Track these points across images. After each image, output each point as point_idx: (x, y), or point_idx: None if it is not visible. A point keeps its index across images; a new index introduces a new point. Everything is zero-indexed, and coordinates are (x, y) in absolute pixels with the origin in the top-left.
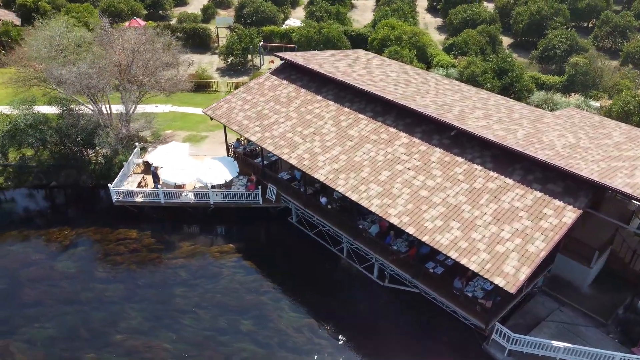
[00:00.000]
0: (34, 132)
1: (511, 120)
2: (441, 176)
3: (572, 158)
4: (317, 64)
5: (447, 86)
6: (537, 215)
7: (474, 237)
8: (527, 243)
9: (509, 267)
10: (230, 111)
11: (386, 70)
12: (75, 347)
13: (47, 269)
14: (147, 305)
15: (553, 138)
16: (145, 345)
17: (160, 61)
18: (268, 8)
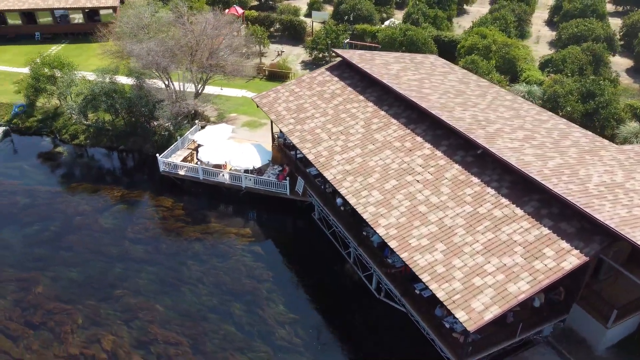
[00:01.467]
0: (106, 99)
1: (555, 147)
2: (448, 194)
3: (601, 198)
4: (370, 64)
5: (505, 102)
6: (534, 253)
7: (454, 263)
8: (509, 282)
9: (477, 303)
10: (275, 101)
11: (445, 78)
12: (83, 293)
13: (90, 220)
14: (158, 269)
15: (593, 173)
16: (140, 305)
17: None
18: (365, 6)
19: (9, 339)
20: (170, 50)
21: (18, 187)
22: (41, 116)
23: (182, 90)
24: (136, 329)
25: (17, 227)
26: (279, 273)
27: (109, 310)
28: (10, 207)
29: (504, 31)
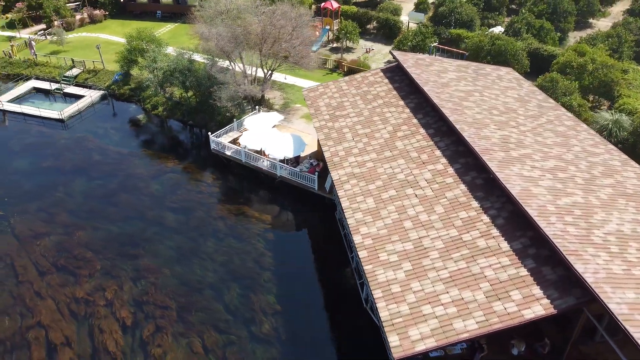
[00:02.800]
0: (179, 75)
1: (585, 184)
2: (440, 214)
3: (601, 248)
4: (421, 70)
5: (559, 128)
6: (499, 293)
7: (412, 286)
8: (459, 317)
9: (415, 332)
10: (320, 95)
11: (502, 93)
12: (110, 246)
13: (142, 184)
14: (180, 239)
15: (614, 220)
16: (151, 267)
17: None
18: (465, 11)
19: (37, 272)
20: (235, 36)
21: (96, 144)
22: (134, 85)
23: (247, 75)
24: (139, 287)
25: (84, 179)
26: (284, 264)
27: (124, 266)
28: (84, 161)
29: (616, 51)
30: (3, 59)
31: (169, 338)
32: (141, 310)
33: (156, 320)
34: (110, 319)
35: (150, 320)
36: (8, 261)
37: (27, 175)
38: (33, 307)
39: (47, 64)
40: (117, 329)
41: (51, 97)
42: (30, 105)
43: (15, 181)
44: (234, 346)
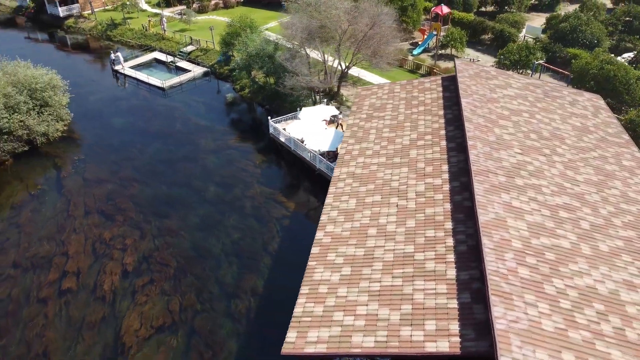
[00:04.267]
0: (258, 60)
1: (589, 228)
2: (408, 229)
3: (542, 297)
4: (475, 81)
5: (608, 165)
6: (414, 319)
7: (339, 291)
8: (361, 332)
9: (314, 334)
10: (370, 95)
11: (560, 119)
12: (151, 205)
13: (203, 156)
14: (211, 211)
15: (595, 275)
16: (174, 231)
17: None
18: (591, 30)
19: (83, 211)
20: (308, 28)
21: (182, 114)
22: (231, 66)
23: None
24: (154, 243)
25: (159, 143)
26: (289, 253)
27: (152, 222)
28: (167, 127)
29: None
30: (140, 31)
31: (156, 291)
32: (146, 262)
33: (152, 274)
34: (118, 262)
35: (148, 273)
36: (68, 197)
37: (118, 132)
38: (66, 239)
39: (171, 39)
40: (119, 272)
41: (165, 69)
42: (147, 72)
43: (107, 135)
44: (206, 315)
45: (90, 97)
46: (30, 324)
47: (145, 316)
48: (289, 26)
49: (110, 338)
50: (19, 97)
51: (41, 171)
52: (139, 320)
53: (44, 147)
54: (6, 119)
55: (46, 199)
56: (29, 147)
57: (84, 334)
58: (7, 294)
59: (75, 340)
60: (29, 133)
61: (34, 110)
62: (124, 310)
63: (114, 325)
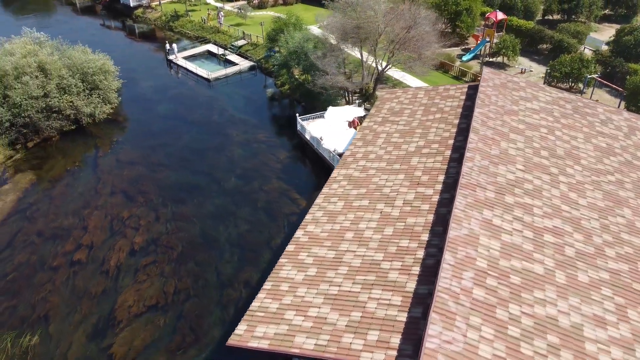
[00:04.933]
0: (295, 57)
1: (574, 255)
2: (384, 237)
3: (490, 322)
4: (496, 92)
5: (624, 192)
6: (359, 328)
7: (298, 291)
8: (304, 333)
9: (262, 330)
10: (391, 99)
11: (584, 137)
12: (174, 188)
13: (231, 147)
14: (225, 201)
15: (562, 306)
16: (188, 216)
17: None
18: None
19: (110, 190)
20: (344, 28)
21: (221, 105)
22: (271, 62)
23: (365, 68)
24: (166, 226)
25: (194, 132)
26: None
27: (169, 206)
28: (204, 117)
29: None
30: (199, 23)
31: (156, 272)
32: (154, 243)
33: (157, 256)
34: (128, 241)
35: (153, 254)
36: (100, 176)
37: (160, 118)
38: (89, 214)
39: (225, 33)
40: (127, 250)
41: (216, 61)
42: (197, 64)
43: (149, 120)
44: (197, 301)
45: (142, 84)
46: (39, 288)
47: (141, 294)
48: (323, 26)
49: (105, 310)
50: (71, 79)
51: (82, 149)
52: (134, 297)
53: (89, 127)
54: (57, 99)
55: (80, 176)
56: (76, 126)
57: (83, 304)
58: (26, 259)
59: (75, 308)
60: (77, 113)
61: (83, 92)
62: (123, 286)
63: (111, 299)
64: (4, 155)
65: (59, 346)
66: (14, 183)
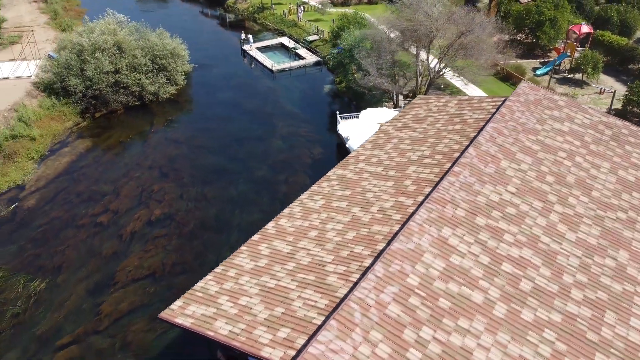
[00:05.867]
0: (349, 54)
1: (529, 291)
2: (343, 240)
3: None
4: (524, 108)
5: (629, 232)
6: (275, 323)
7: (242, 279)
8: (225, 319)
9: (193, 309)
10: (420, 106)
11: (608, 168)
12: (204, 171)
13: (272, 138)
14: (249, 188)
15: (485, 341)
16: (207, 196)
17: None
18: None
19: (148, 166)
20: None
21: (276, 98)
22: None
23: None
24: (186, 205)
25: (244, 121)
26: None
27: (196, 186)
28: (257, 108)
29: None
30: (280, 16)
31: (162, 244)
32: (170, 218)
33: (169, 229)
34: (149, 212)
35: (166, 228)
36: (145, 150)
37: (217, 104)
38: (124, 184)
39: (302, 27)
40: (145, 220)
41: (287, 54)
42: (267, 55)
43: (206, 104)
44: (190, 277)
45: (213, 70)
46: (62, 242)
47: (143, 262)
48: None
49: (108, 271)
50: (141, 59)
51: (139, 124)
52: (136, 263)
53: (151, 104)
54: (126, 76)
55: (129, 148)
56: (140, 102)
57: (92, 262)
58: (60, 215)
59: (84, 264)
60: (141, 91)
61: (152, 72)
62: (130, 252)
63: (116, 262)
64: (73, 121)
65: (60, 295)
66: (72, 147)
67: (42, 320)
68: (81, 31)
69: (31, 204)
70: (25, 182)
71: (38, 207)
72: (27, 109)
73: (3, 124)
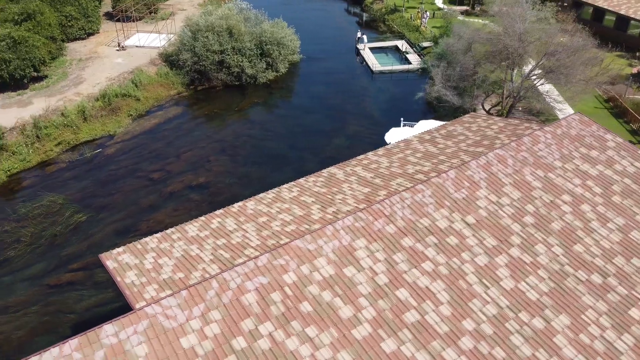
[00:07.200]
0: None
1: (412, 330)
2: (287, 230)
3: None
4: (555, 140)
5: (621, 290)
6: (160, 286)
7: (176, 244)
8: (143, 275)
9: (123, 257)
10: (463, 123)
11: (622, 225)
12: (260, 155)
13: (333, 137)
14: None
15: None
16: (252, 175)
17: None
18: None
19: (216, 141)
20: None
21: (363, 98)
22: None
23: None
24: (226, 180)
25: (322, 115)
26: None
27: (243, 168)
28: (340, 104)
29: None
30: (407, 20)
31: (188, 209)
32: (205, 187)
33: (200, 197)
34: (192, 178)
35: (198, 195)
36: (221, 125)
37: (307, 95)
38: (188, 150)
39: (422, 33)
40: (186, 185)
41: (398, 56)
42: (377, 56)
43: (297, 94)
44: None
45: (319, 63)
46: (116, 187)
47: (167, 219)
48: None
49: (138, 220)
50: (247, 44)
51: (229, 103)
52: (161, 219)
53: (248, 86)
54: (229, 57)
55: (211, 121)
56: (238, 83)
57: (129, 209)
58: (126, 166)
59: (123, 210)
60: (240, 72)
61: (255, 56)
62: (162, 208)
63: (147, 214)
64: (177, 90)
65: (92, 230)
66: (165, 111)
67: (69, 246)
68: (201, 13)
69: (110, 152)
70: (116, 133)
71: (114, 155)
72: (143, 74)
73: (120, 83)
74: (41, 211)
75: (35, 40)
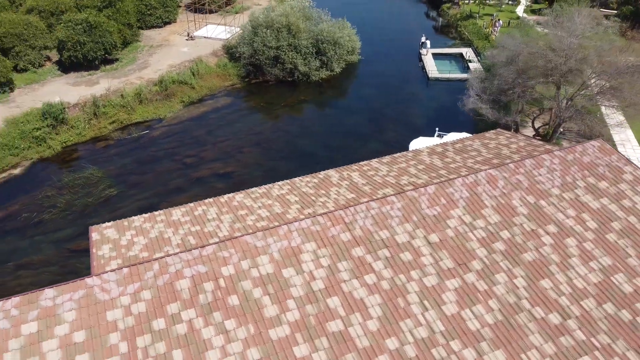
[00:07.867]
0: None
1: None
2: (244, 226)
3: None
4: (569, 167)
5: (608, 321)
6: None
7: (160, 217)
8: (115, 250)
9: (108, 231)
10: (484, 138)
11: (609, 261)
12: (291, 150)
13: (369, 141)
14: None
15: None
16: (275, 171)
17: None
18: None
19: (251, 134)
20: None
21: (409, 105)
22: None
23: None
24: (250, 174)
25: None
26: None
27: (271, 162)
28: (383, 109)
29: None
30: (479, 27)
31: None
32: (229, 177)
33: (224, 185)
34: (221, 166)
35: (221, 184)
36: (264, 119)
37: (356, 97)
38: (224, 140)
39: (490, 42)
40: (213, 171)
41: (460, 65)
42: (437, 63)
43: (347, 95)
44: None
45: (378, 66)
46: (152, 167)
47: (186, 199)
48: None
49: (161, 200)
50: (303, 41)
51: (279, 98)
52: (181, 201)
53: (300, 83)
54: (284, 53)
55: (256, 113)
56: (291, 79)
57: (158, 189)
58: (166, 148)
59: (151, 189)
60: (294, 69)
61: (310, 54)
62: (185, 192)
63: (171, 195)
64: (232, 82)
65: (119, 205)
66: (216, 100)
67: (96, 216)
68: (263, 9)
69: (156, 134)
70: (165, 117)
71: (158, 138)
72: (202, 63)
73: (179, 70)
74: (81, 182)
75: (109, 26)
